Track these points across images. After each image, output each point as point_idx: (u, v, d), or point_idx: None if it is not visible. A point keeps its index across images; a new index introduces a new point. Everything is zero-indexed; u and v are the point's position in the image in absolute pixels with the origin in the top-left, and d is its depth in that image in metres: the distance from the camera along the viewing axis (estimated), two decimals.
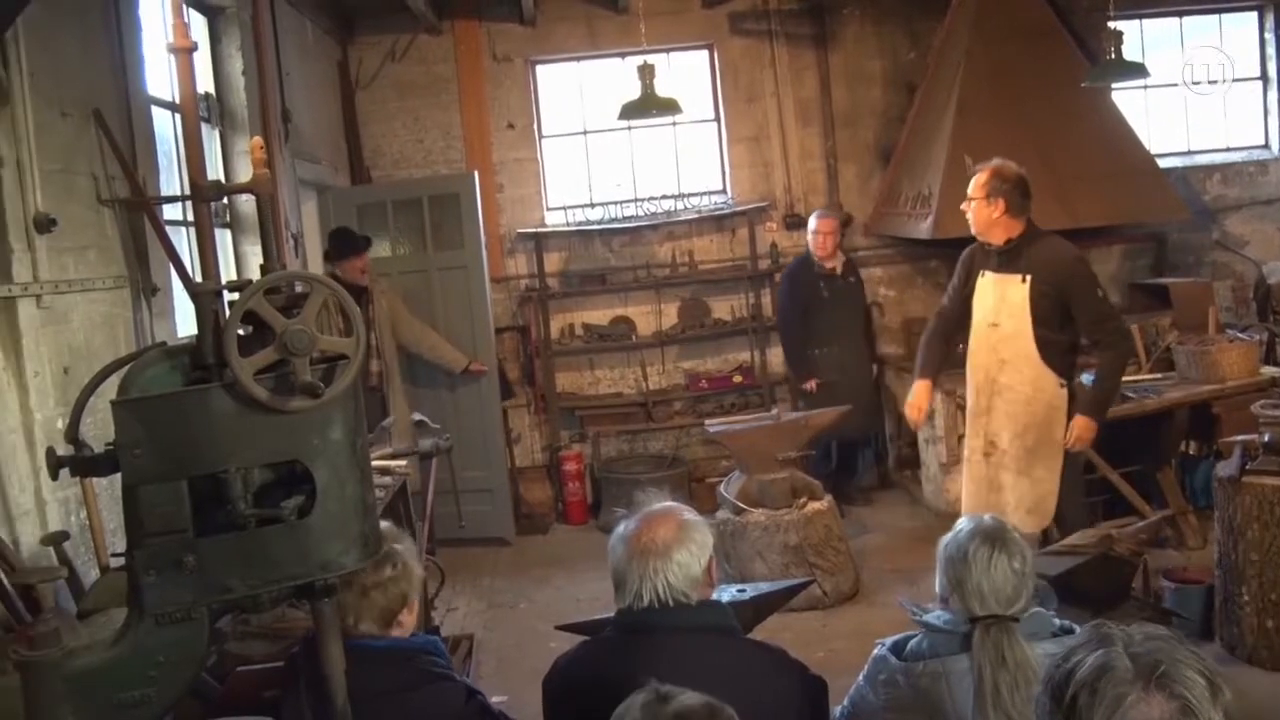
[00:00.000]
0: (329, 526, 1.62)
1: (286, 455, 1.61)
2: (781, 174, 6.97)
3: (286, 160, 5.11)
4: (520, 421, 6.93)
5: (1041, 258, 3.95)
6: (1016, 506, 4.01)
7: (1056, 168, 5.75)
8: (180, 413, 1.57)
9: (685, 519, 2.04)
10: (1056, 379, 3.97)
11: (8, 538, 2.70)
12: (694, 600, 1.98)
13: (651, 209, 6.89)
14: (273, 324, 1.59)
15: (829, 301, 6.15)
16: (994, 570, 1.98)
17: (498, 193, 6.85)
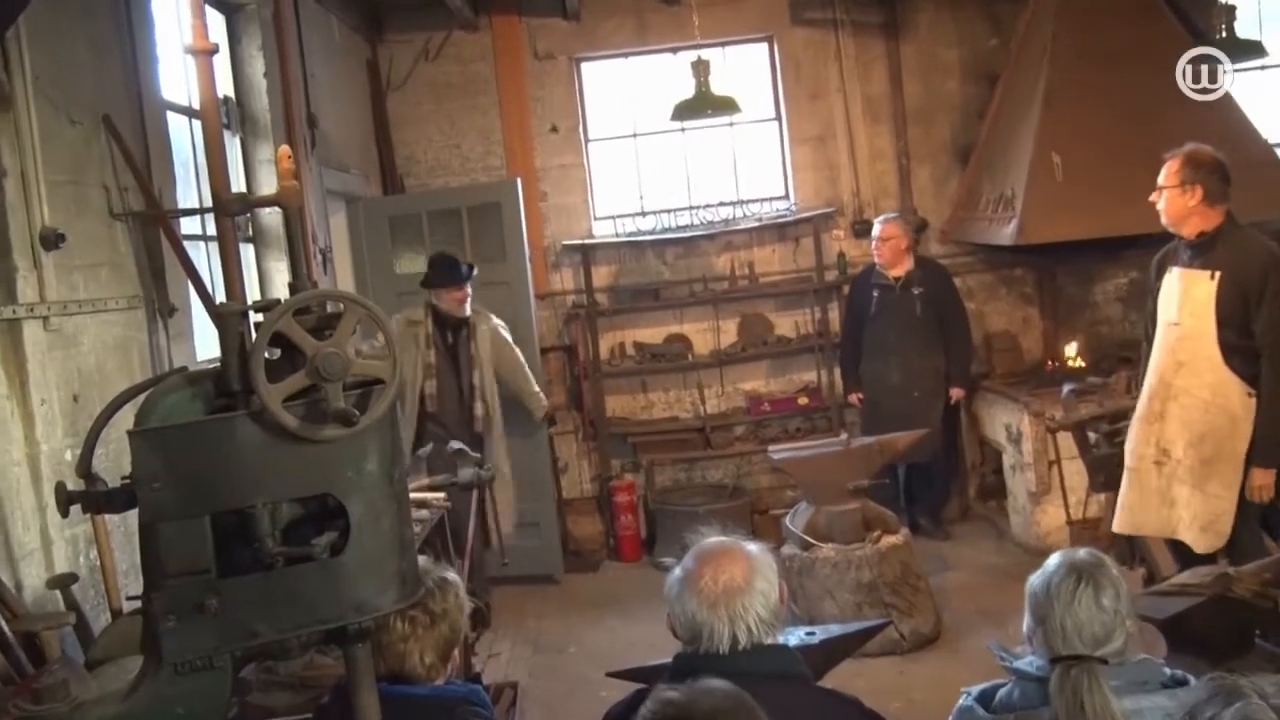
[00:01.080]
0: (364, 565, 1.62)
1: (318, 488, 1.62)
2: (849, 177, 6.93)
3: (313, 169, 5.17)
4: (568, 450, 6.91)
5: (1235, 253, 3.82)
6: (1190, 523, 3.89)
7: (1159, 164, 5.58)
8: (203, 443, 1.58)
9: (749, 550, 2.04)
10: (1243, 386, 3.80)
11: (10, 580, 2.66)
12: (780, 628, 1.99)
13: (708, 217, 6.89)
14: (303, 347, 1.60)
15: (878, 314, 6.18)
16: (1079, 605, 1.94)
17: (541, 202, 6.88)
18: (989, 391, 6.46)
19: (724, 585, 1.96)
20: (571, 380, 6.92)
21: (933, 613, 4.96)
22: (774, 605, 1.99)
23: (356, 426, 1.58)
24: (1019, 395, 6.02)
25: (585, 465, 6.95)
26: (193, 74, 1.84)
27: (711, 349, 6.99)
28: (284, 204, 1.75)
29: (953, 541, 6.30)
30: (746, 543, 2.07)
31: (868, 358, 6.24)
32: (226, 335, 1.65)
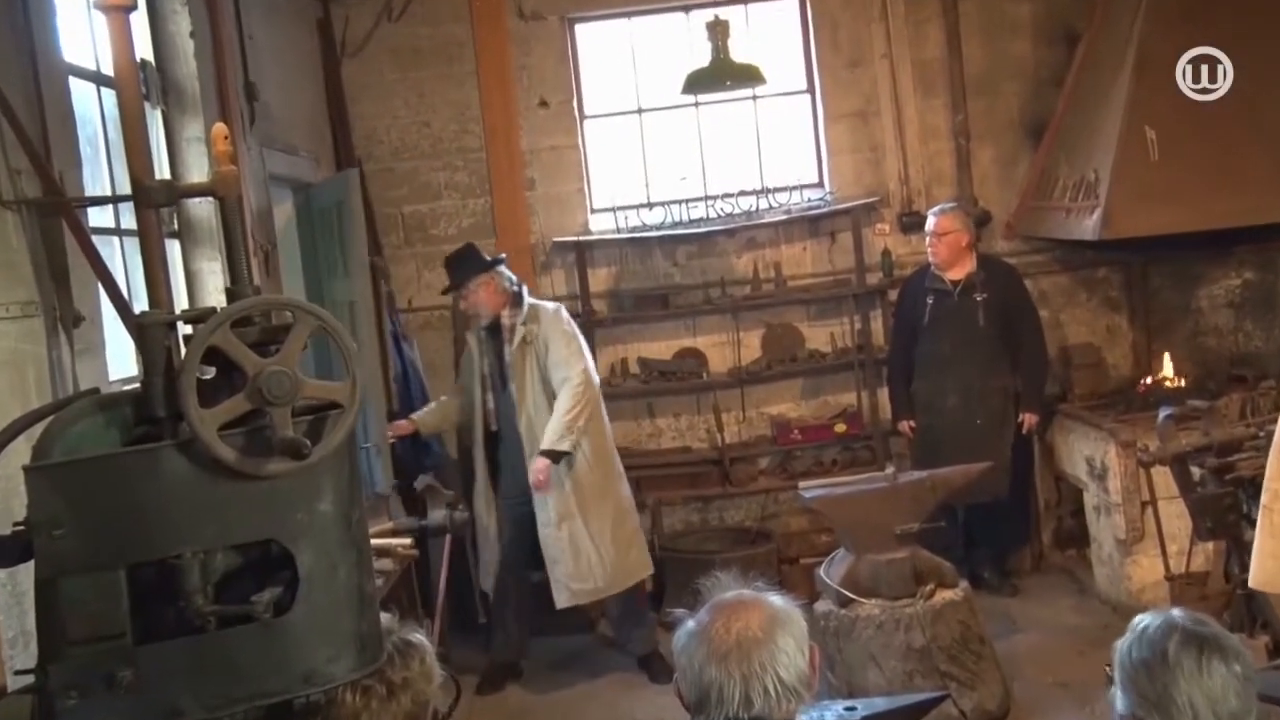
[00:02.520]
0: (315, 626, 1.62)
1: (260, 534, 1.62)
2: (896, 160, 6.92)
3: (253, 150, 5.16)
4: None
5: None
6: None
7: (1276, 143, 5.54)
8: (119, 480, 1.58)
9: (772, 601, 2.06)
10: None
11: None
12: (809, 699, 1.98)
13: (727, 209, 6.87)
14: (243, 364, 1.61)
15: (933, 325, 6.20)
16: (1209, 676, 1.90)
17: (527, 190, 6.90)
18: (1067, 417, 6.41)
19: (738, 635, 1.97)
20: None
21: (1000, 685, 4.94)
22: (800, 670, 1.98)
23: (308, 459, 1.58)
24: (1104, 421, 5.99)
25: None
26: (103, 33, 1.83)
27: (731, 366, 6.97)
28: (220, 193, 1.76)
29: (1023, 598, 6.28)
30: (771, 595, 2.08)
31: (920, 377, 6.25)
32: (149, 350, 1.65)
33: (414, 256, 6.95)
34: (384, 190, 6.89)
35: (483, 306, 5.54)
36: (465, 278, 5.53)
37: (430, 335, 6.91)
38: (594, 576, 5.45)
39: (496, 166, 6.88)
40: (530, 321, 5.53)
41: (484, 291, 5.52)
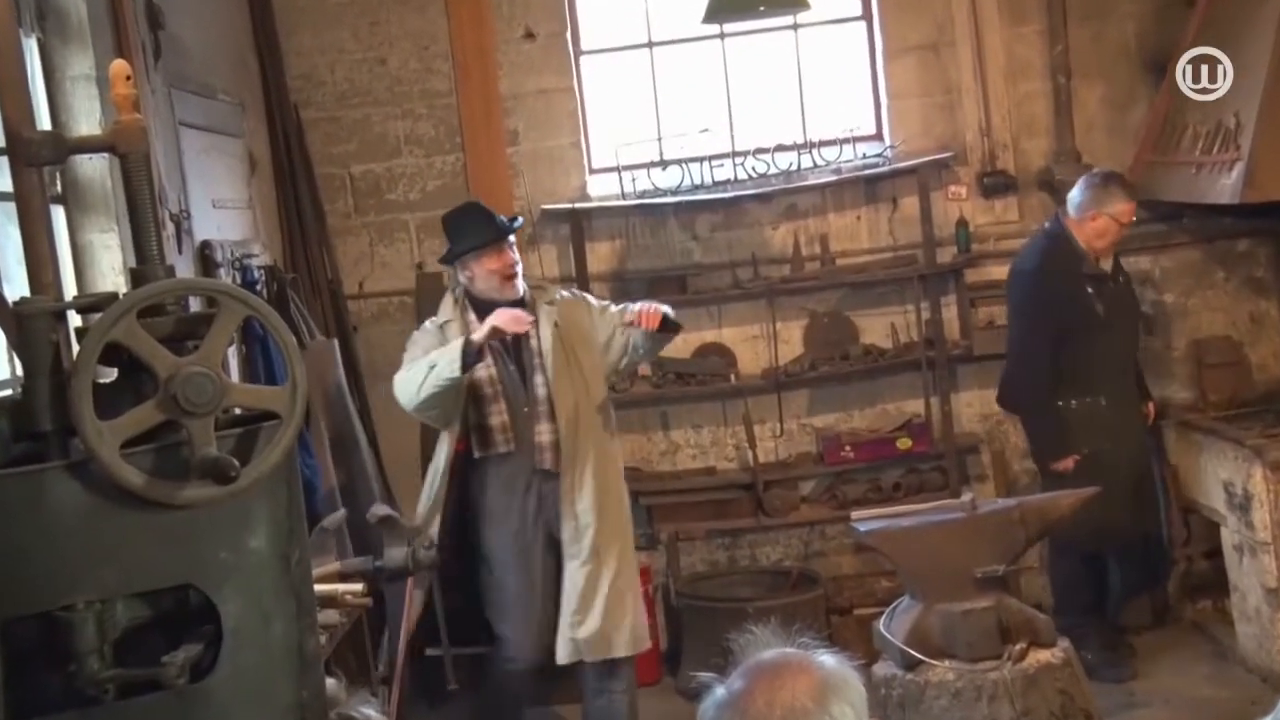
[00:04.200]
0: (242, 694, 1.64)
1: (174, 578, 1.64)
2: (975, 105, 6.91)
3: (158, 93, 5.13)
4: None
5: None
6: None
7: None
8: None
9: (822, 662, 2.07)
10: None
11: None
12: None
13: (760, 169, 6.84)
14: (154, 364, 1.61)
15: (1102, 320, 6.09)
16: None
17: (510, 146, 6.90)
18: (1198, 431, 6.39)
19: (783, 710, 1.97)
20: None
21: None
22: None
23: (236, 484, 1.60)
24: (1247, 437, 5.95)
25: None
26: None
27: (765, 366, 6.96)
28: (121, 148, 1.76)
29: (1142, 662, 6.25)
30: (821, 655, 2.10)
31: (1081, 389, 6.10)
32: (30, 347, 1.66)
33: (366, 228, 6.97)
34: (327, 145, 6.89)
35: (517, 278, 5.35)
36: (507, 230, 5.36)
37: (387, 328, 6.95)
38: (622, 629, 5.41)
39: (470, 115, 6.89)
40: (543, 298, 5.47)
41: (510, 256, 5.37)
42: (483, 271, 5.31)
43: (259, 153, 6.52)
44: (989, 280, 6.89)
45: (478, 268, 5.33)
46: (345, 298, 6.82)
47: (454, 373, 5.02)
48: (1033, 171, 6.96)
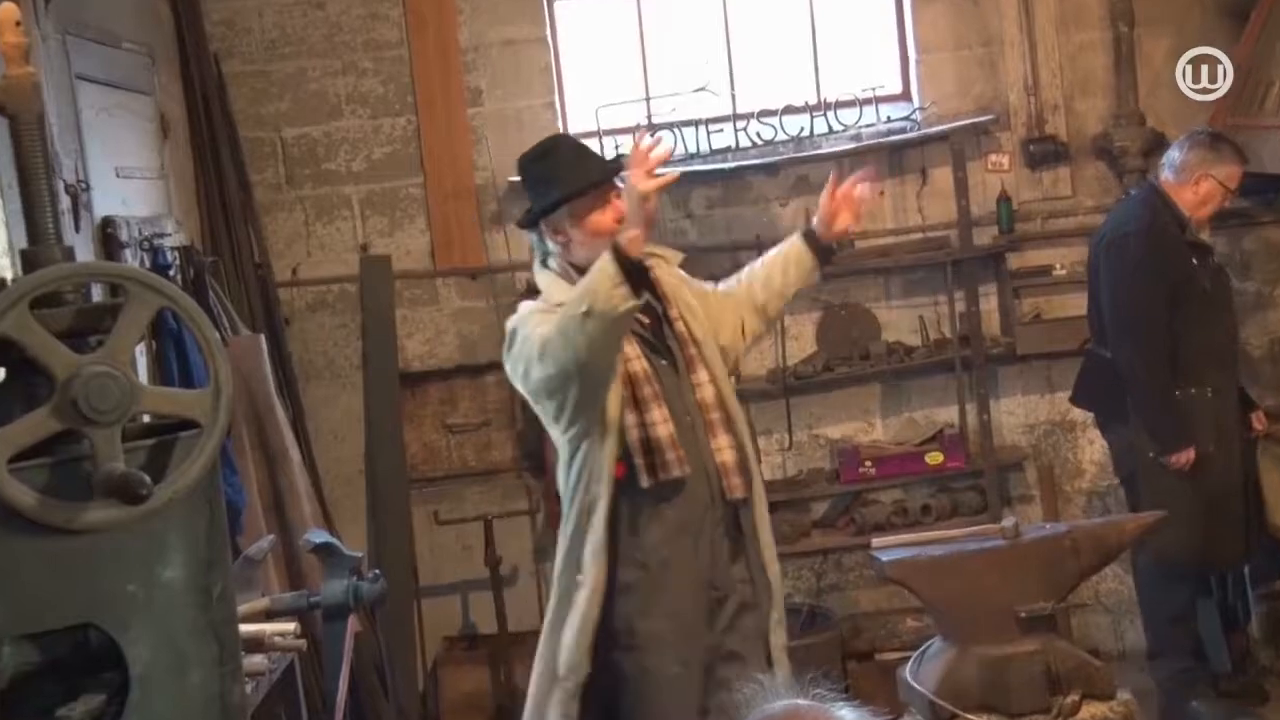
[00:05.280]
0: None
1: (72, 616, 1.67)
2: (1020, 60, 6.98)
3: (50, 41, 5.14)
4: (516, 545, 7.03)
5: None
6: None
7: None
8: None
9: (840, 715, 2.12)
10: None
11: None
12: None
13: (766, 135, 6.90)
14: (49, 363, 1.64)
15: (1210, 297, 6.15)
16: None
17: (471, 107, 6.96)
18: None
19: None
20: (525, 421, 6.93)
21: None
22: None
23: (147, 504, 1.62)
24: None
25: (545, 571, 6.89)
26: None
27: (771, 366, 7.01)
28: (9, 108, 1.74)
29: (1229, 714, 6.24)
30: (837, 708, 2.13)
31: (1192, 377, 6.13)
32: None
33: (301, 203, 7.00)
34: (254, 104, 6.91)
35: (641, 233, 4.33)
36: (616, 168, 4.51)
37: (325, 321, 7.04)
38: None
39: (424, 70, 6.94)
40: (671, 271, 4.74)
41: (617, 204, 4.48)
42: (585, 230, 4.40)
43: (172, 113, 6.48)
44: (1035, 266, 6.99)
45: (577, 226, 4.44)
46: (275, 285, 6.84)
47: (622, 301, 3.99)
48: (1087, 137, 7.01)
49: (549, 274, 4.55)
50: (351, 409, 6.87)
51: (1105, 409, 6.41)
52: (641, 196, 3.94)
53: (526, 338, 4.27)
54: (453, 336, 7.03)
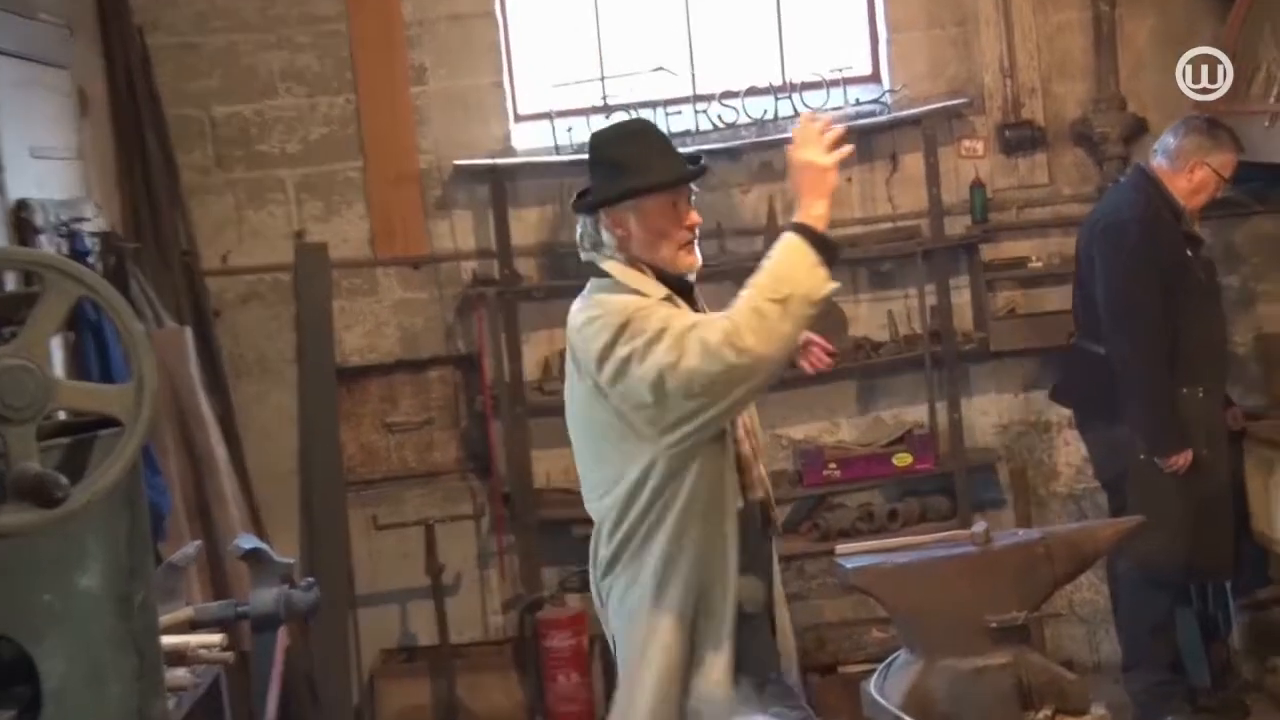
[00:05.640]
0: None
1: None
2: (996, 40, 6.99)
3: None
4: (460, 548, 7.04)
5: None
6: None
7: None
8: None
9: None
10: None
11: None
12: None
13: (728, 118, 6.90)
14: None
15: (1205, 289, 6.18)
16: None
17: (415, 85, 6.97)
18: (1265, 445, 6.41)
19: None
20: (470, 420, 7.02)
21: None
22: None
23: (64, 506, 1.62)
24: None
25: (492, 579, 7.06)
26: None
27: None
28: None
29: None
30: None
31: (1190, 374, 6.13)
32: None
33: (231, 187, 6.94)
34: (181, 80, 6.85)
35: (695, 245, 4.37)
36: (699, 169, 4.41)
37: (257, 313, 6.98)
38: None
39: (365, 46, 6.91)
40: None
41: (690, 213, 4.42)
42: (649, 229, 4.22)
43: (92, 89, 6.45)
44: (1010, 258, 7.03)
45: (642, 223, 4.25)
46: (203, 274, 6.78)
47: (823, 283, 3.88)
48: (1066, 122, 7.02)
49: (617, 262, 4.28)
50: (284, 407, 6.88)
51: (1090, 407, 6.41)
52: (824, 169, 3.94)
53: (662, 330, 3.94)
54: (393, 330, 6.99)
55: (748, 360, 3.80)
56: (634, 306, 4.05)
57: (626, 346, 3.91)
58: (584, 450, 4.32)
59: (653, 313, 4.00)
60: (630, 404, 3.94)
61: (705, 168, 4.41)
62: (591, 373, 4.01)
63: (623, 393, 3.94)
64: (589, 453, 4.30)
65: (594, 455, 4.28)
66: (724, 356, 3.79)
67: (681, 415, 3.92)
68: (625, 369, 3.89)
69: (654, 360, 3.84)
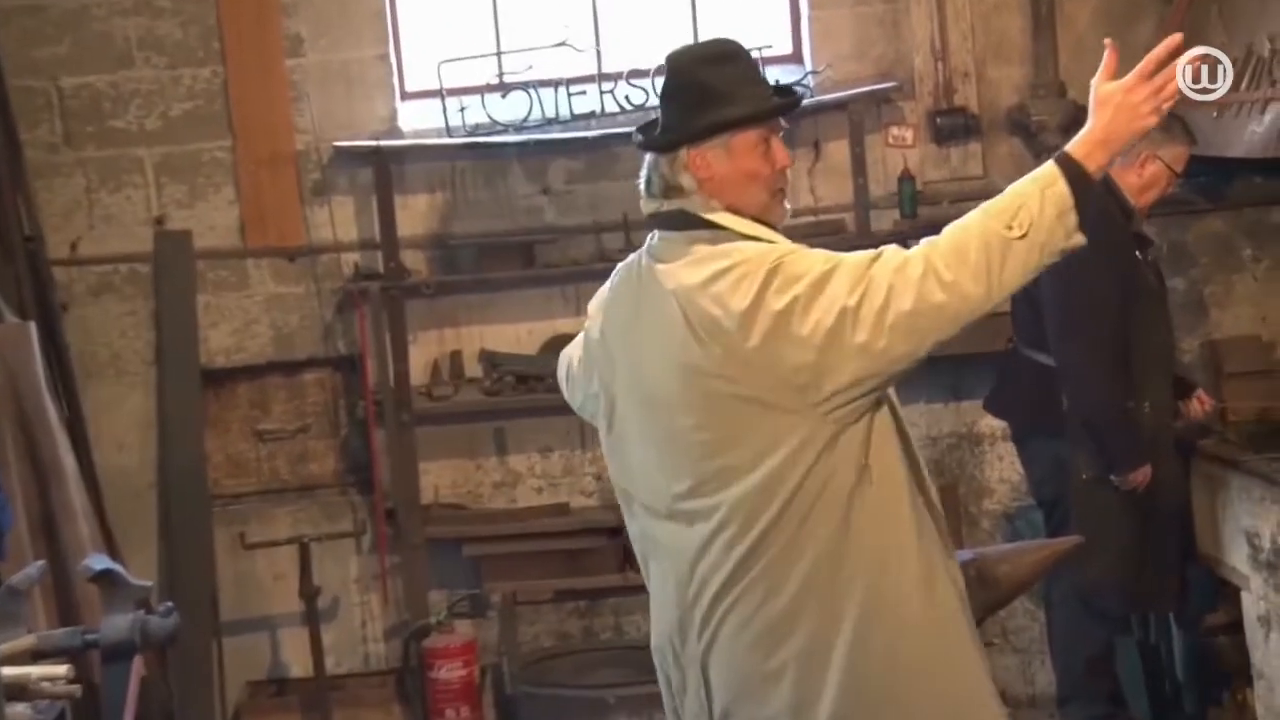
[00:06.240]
0: None
1: None
2: (927, 19, 7.00)
3: None
4: (339, 569, 7.04)
5: None
6: None
7: None
8: None
9: None
10: None
11: None
12: None
13: (636, 99, 6.87)
14: None
15: (1156, 295, 6.18)
16: None
17: (289, 57, 6.95)
18: (1212, 461, 6.41)
19: None
20: (350, 428, 7.05)
21: None
22: None
23: None
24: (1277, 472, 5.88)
25: (374, 604, 7.06)
26: None
27: None
28: None
29: None
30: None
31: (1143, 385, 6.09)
32: None
33: (82, 167, 6.88)
34: (24, 47, 6.77)
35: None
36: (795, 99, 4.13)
37: (111, 307, 6.91)
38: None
39: (234, 12, 6.85)
40: None
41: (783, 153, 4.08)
42: (740, 168, 3.84)
43: None
44: None
45: (733, 161, 3.86)
46: (50, 263, 6.67)
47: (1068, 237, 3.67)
48: (1001, 109, 7.04)
49: (725, 213, 3.87)
50: (141, 412, 6.82)
51: (1030, 420, 6.38)
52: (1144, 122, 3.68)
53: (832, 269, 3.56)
54: (265, 328, 6.93)
55: (955, 298, 3.50)
56: (778, 252, 3.64)
57: (784, 296, 3.50)
58: (689, 439, 3.75)
59: (805, 253, 3.62)
60: (787, 367, 3.52)
61: (801, 97, 4.18)
62: (729, 334, 3.56)
63: (775, 354, 3.52)
64: (702, 440, 3.74)
65: (711, 442, 3.74)
66: (929, 292, 3.47)
67: (862, 371, 3.54)
68: (785, 323, 3.48)
69: (827, 303, 3.46)
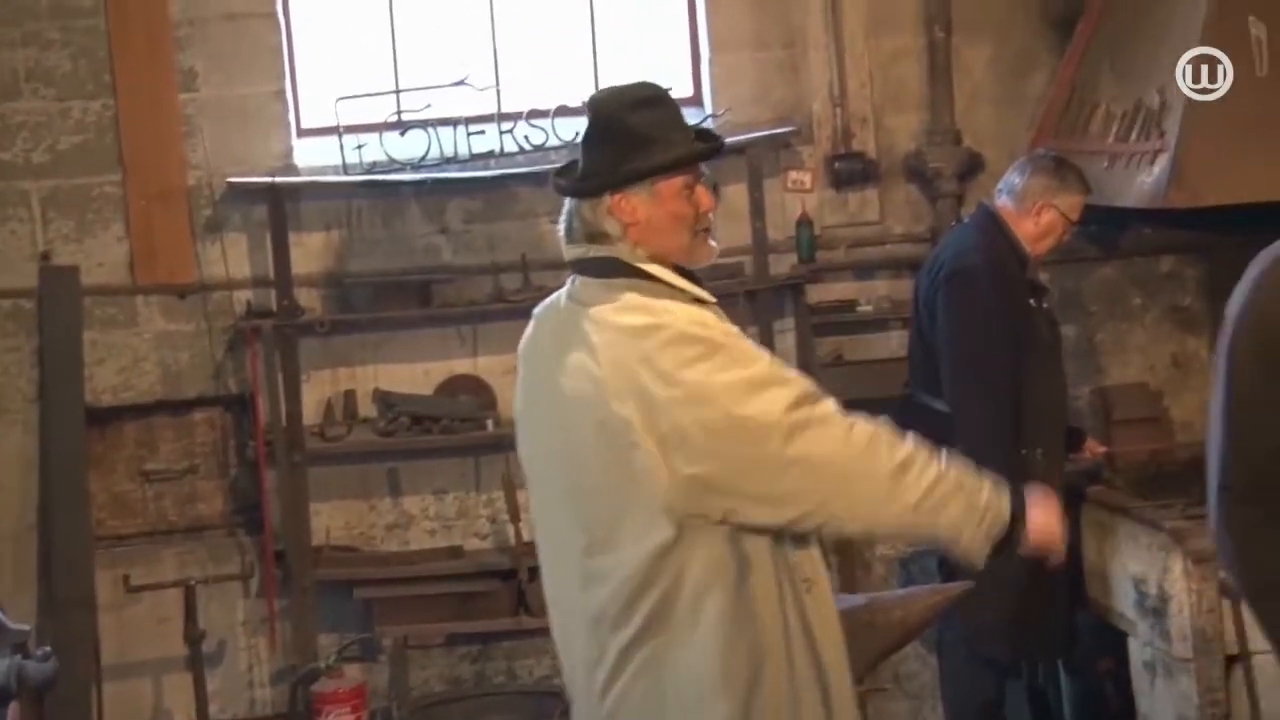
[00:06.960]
0: None
1: None
2: (826, 65, 7.04)
3: None
4: (226, 613, 6.95)
5: None
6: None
7: None
8: None
9: None
10: None
11: None
12: None
13: (536, 139, 6.87)
14: None
15: (1048, 344, 6.21)
16: None
17: (182, 92, 6.88)
18: (1101, 507, 6.48)
19: None
20: (240, 468, 6.96)
21: None
22: None
23: None
24: (1163, 518, 6.00)
25: (261, 648, 6.99)
26: None
27: None
28: None
29: None
30: None
31: (1036, 435, 6.12)
32: None
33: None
34: None
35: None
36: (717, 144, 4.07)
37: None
38: None
39: (125, 45, 6.78)
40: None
41: None
42: (666, 212, 3.77)
43: None
44: (838, 300, 7.05)
45: (660, 206, 3.79)
46: None
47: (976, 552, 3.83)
48: (898, 155, 7.09)
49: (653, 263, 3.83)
50: (22, 451, 6.75)
51: None
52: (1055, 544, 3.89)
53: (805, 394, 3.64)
54: (154, 366, 6.85)
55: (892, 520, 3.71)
56: (717, 327, 3.67)
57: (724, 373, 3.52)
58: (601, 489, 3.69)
59: (747, 345, 3.71)
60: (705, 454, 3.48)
61: (723, 141, 4.09)
62: (659, 392, 3.50)
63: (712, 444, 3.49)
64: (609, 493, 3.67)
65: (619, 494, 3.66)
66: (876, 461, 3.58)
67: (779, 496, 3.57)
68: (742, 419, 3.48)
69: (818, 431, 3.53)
